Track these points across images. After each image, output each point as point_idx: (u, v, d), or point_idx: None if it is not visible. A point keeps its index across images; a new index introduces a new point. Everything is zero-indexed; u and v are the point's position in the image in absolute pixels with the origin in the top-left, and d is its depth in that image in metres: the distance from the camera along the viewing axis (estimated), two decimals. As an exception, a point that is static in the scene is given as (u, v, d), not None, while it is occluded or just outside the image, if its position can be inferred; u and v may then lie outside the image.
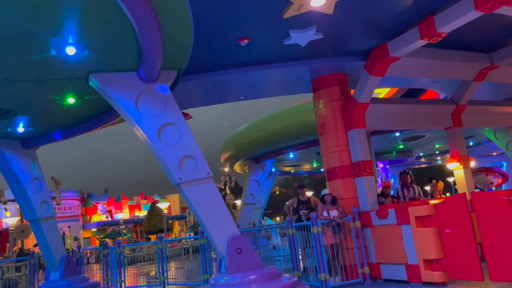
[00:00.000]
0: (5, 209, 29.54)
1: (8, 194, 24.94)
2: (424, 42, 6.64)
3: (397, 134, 13.90)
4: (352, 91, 8.14)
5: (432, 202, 7.06)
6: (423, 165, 26.96)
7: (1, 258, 23.34)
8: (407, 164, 22.26)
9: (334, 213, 7.38)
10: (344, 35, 6.94)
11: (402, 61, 7.32)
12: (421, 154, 19.90)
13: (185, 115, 9.18)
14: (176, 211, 45.00)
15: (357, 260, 7.22)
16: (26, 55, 5.58)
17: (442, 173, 43.31)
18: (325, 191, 7.70)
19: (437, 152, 19.81)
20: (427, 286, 6.28)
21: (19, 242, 25.74)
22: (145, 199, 43.96)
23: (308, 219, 8.06)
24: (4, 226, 31.67)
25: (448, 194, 28.99)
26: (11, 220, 22.89)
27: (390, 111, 8.36)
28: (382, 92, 11.73)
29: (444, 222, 6.13)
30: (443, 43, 7.07)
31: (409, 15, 6.35)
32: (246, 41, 6.54)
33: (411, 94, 11.10)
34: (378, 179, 17.79)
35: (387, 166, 20.24)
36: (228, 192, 30.03)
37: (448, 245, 6.07)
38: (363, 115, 7.80)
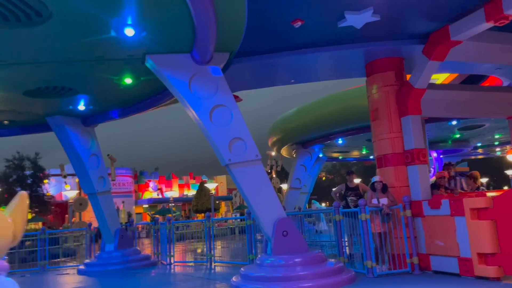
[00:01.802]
0: (65, 183, 31.52)
1: (68, 169, 26.53)
2: (490, 25, 6.23)
3: (454, 122, 13.24)
4: (408, 76, 7.84)
5: (490, 194, 6.72)
6: (480, 156, 25.59)
7: (61, 228, 25.03)
8: (462, 154, 21.23)
9: (384, 201, 7.23)
10: (402, 17, 6.65)
11: (464, 45, 6.93)
12: (479, 144, 18.87)
13: (235, 97, 9.27)
14: (223, 192, 45.93)
15: (406, 249, 7.05)
16: (87, 35, 5.85)
17: (500, 165, 40.99)
18: (376, 178, 7.54)
19: (496, 143, 18.69)
20: (479, 280, 6.03)
21: (77, 214, 27.44)
22: (194, 179, 45.20)
23: (356, 206, 7.96)
24: (64, 199, 33.86)
25: (506, 188, 27.40)
26: (70, 193, 24.39)
27: (448, 98, 7.97)
28: (439, 78, 11.20)
29: (502, 215, 5.84)
30: (510, 26, 6.61)
31: (475, -5, 5.98)
32: (299, 23, 6.44)
33: (472, 81, 10.51)
34: (431, 168, 17.14)
35: (441, 156, 19.40)
36: (274, 176, 30.18)
37: (505, 240, 5.78)
38: (419, 101, 7.50)
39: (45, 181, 32.63)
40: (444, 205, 6.67)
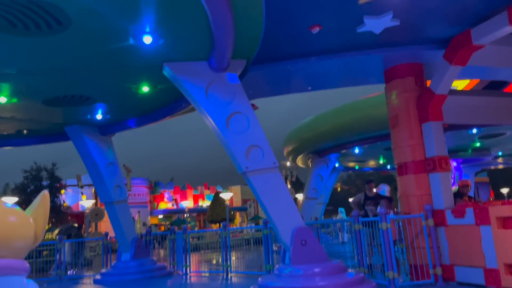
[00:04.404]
0: (82, 193, 31.82)
1: (85, 179, 26.80)
2: (514, 28, 6.07)
3: (474, 130, 12.95)
4: (428, 82, 7.69)
5: (517, 202, 6.50)
6: (500, 166, 25.03)
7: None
8: (483, 163, 20.78)
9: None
10: (422, 21, 6.54)
11: (487, 49, 6.77)
12: (500, 153, 18.44)
13: (252, 105, 9.22)
14: (237, 203, 45.79)
15: (429, 260, 6.83)
16: (106, 43, 5.88)
17: (521, 176, 39.96)
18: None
19: (518, 152, 18.26)
20: (508, 292, 5.79)
21: (93, 225, 27.62)
22: (208, 189, 45.21)
23: (375, 215, 7.79)
24: (80, 209, 34.16)
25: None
26: (87, 203, 24.57)
27: (471, 104, 7.79)
28: (459, 85, 10.98)
29: (531, 224, 5.61)
30: (535, 29, 6.43)
31: (497, -2, 5.84)
32: (317, 28, 6.38)
33: (494, 87, 10.27)
34: (451, 178, 16.76)
35: (461, 165, 19.01)
36: (289, 186, 30.03)
37: (535, 250, 5.55)
38: (440, 107, 7.33)
39: (62, 191, 33.02)
40: (468, 214, 6.46)
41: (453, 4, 6.04)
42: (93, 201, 27.99)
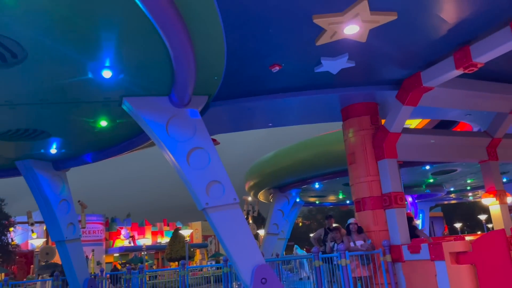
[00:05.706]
0: (32, 231, 30.02)
1: (36, 216, 25.37)
2: (459, 72, 6.51)
3: (427, 167, 13.51)
4: (383, 121, 8.01)
5: (469, 238, 6.74)
6: (453, 201, 26.07)
7: (25, 279, 23.57)
8: (436, 199, 21.58)
9: (360, 243, 7.17)
10: (376, 63, 6.89)
11: (436, 91, 7.18)
12: (452, 189, 19.27)
13: (213, 141, 9.22)
14: (198, 239, 44.72)
15: (387, 296, 6.88)
16: (63, 77, 5.74)
17: (473, 210, 41.76)
18: (351, 220, 7.57)
19: (468, 188, 19.17)
20: (463, 328, 5.89)
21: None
22: (168, 225, 43.90)
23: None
24: (30, 248, 32.11)
25: (479, 232, 27.77)
26: (37, 241, 23.16)
27: (423, 142, 8.16)
28: (412, 123, 11.52)
29: (481, 259, 5.82)
30: (479, 73, 6.93)
31: (444, 44, 6.26)
32: (277, 67, 6.56)
33: (443, 126, 10.85)
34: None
35: (416, 201, 19.64)
36: (250, 221, 29.71)
37: (486, 284, 5.72)
38: (394, 145, 7.63)
39: (11, 229, 31.08)
40: (423, 249, 6.62)
41: (404, 48, 6.42)
42: (44, 239, 26.48)
